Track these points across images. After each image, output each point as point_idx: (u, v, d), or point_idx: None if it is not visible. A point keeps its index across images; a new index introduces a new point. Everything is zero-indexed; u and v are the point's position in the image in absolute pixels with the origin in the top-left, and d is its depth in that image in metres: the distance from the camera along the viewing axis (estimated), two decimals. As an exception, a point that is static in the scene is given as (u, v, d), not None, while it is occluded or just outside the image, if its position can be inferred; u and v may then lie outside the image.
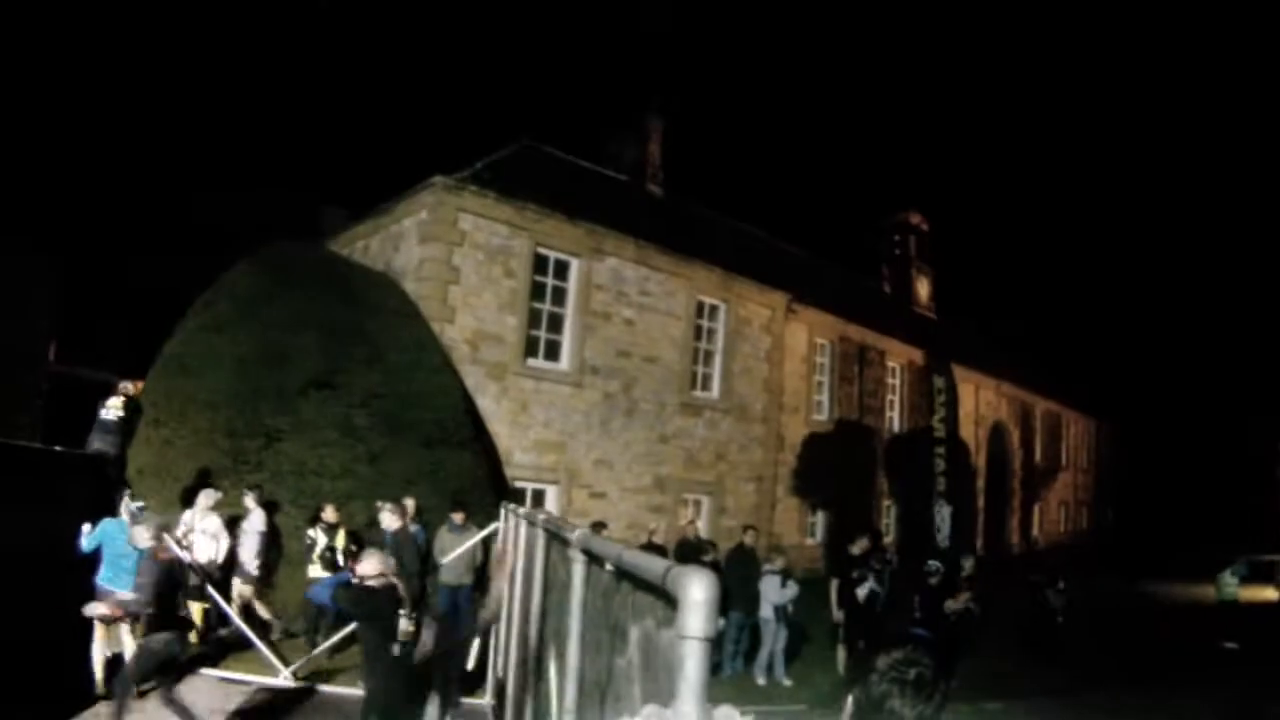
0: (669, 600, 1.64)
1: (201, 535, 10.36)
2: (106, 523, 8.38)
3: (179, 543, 10.24)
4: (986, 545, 31.49)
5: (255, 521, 10.94)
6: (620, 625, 2.29)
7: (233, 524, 10.74)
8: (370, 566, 6.16)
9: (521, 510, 7.93)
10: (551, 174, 19.36)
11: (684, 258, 19.45)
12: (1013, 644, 14.26)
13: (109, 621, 8.11)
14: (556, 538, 4.17)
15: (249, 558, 10.83)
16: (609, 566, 2.44)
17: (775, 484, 21.55)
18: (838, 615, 12.10)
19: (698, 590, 1.45)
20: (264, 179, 43.13)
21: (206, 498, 10.60)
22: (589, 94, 50.08)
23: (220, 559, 10.55)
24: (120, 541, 8.13)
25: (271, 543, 11.22)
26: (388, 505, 8.98)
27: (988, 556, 29.70)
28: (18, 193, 22.31)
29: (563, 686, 3.01)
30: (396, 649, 6.02)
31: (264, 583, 11.24)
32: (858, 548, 12.53)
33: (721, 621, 10.41)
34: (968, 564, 13.09)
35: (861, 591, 11.87)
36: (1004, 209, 78.25)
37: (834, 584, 12.35)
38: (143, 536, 7.22)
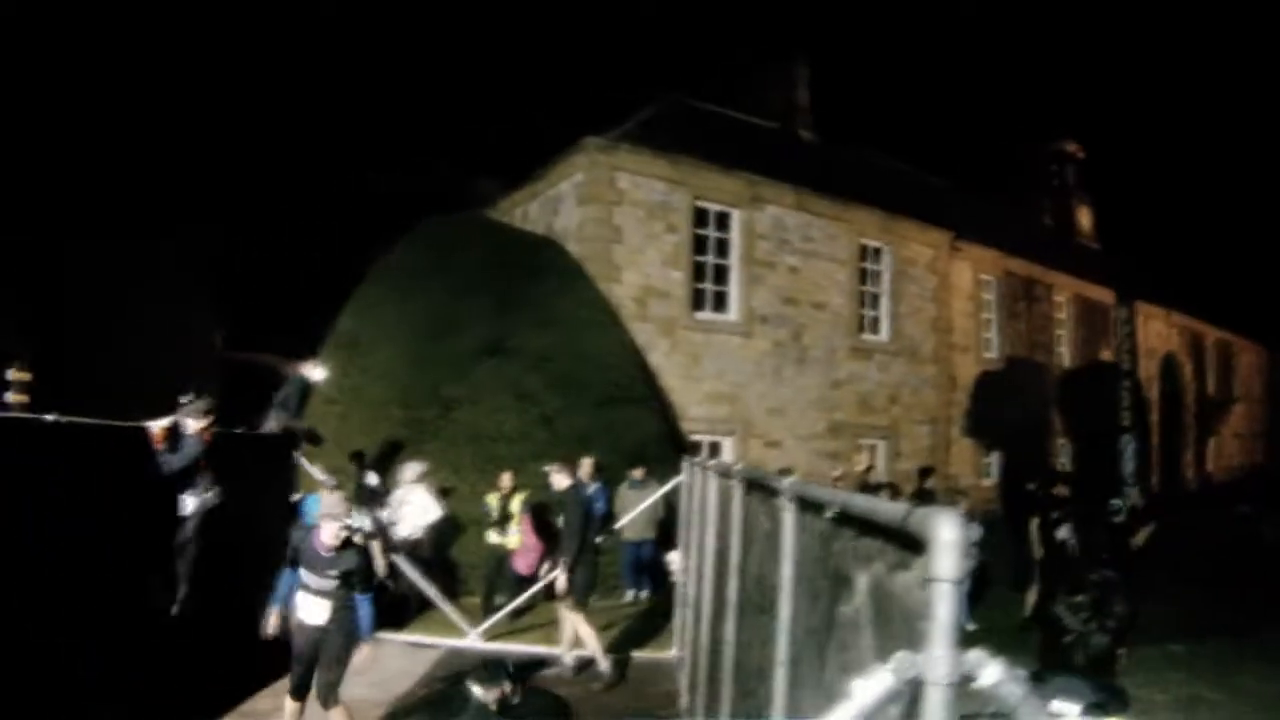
0: (904, 544, 1.59)
1: (409, 507, 10.14)
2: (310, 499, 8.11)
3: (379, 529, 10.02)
4: (1162, 481, 29.37)
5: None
6: (843, 573, 2.13)
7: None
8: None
9: (710, 462, 7.42)
10: (702, 126, 18.51)
11: (844, 201, 18.20)
12: (1196, 581, 12.86)
13: None
14: (757, 487, 3.85)
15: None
16: (828, 513, 2.24)
17: (949, 425, 20.14)
18: (1039, 553, 11.13)
19: (947, 531, 1.37)
20: (413, 158, 43.55)
21: (412, 470, 10.35)
22: (730, 42, 48.56)
23: (420, 531, 10.30)
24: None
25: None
26: (555, 465, 8.56)
27: (1164, 492, 27.76)
28: (172, 189, 22.85)
29: (774, 638, 2.82)
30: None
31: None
32: (1058, 490, 11.52)
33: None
34: (1132, 494, 11.96)
35: (1062, 533, 10.94)
36: (1164, 131, 72.39)
37: (1034, 524, 11.36)
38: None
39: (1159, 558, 11.42)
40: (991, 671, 1.37)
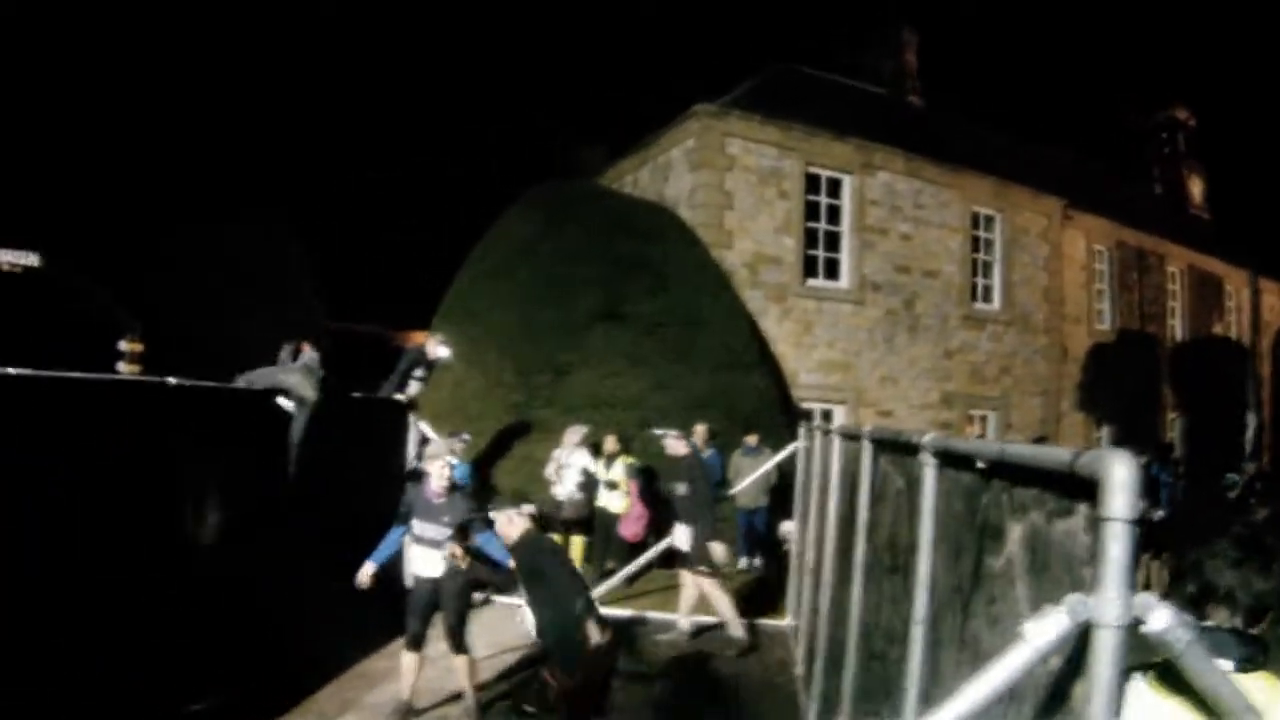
0: (1065, 490, 1.56)
1: (570, 469, 9.98)
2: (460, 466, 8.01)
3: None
4: (1272, 460, 27.87)
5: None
6: (992, 524, 2.06)
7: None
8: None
9: (834, 425, 7.09)
10: (811, 93, 17.88)
11: (955, 168, 17.39)
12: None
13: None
14: (889, 446, 3.75)
15: None
16: (980, 464, 2.13)
17: (1060, 397, 19.26)
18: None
19: (1120, 470, 1.30)
20: (523, 126, 43.32)
21: (574, 434, 10.17)
22: (840, 7, 47.04)
23: (578, 493, 10.05)
24: None
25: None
26: (671, 433, 8.28)
27: (1275, 471, 26.33)
28: (276, 160, 23.07)
29: (910, 598, 2.74)
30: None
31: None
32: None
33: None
34: (1249, 469, 11.24)
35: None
36: (1270, 98, 68.25)
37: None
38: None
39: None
40: (1161, 615, 1.32)
